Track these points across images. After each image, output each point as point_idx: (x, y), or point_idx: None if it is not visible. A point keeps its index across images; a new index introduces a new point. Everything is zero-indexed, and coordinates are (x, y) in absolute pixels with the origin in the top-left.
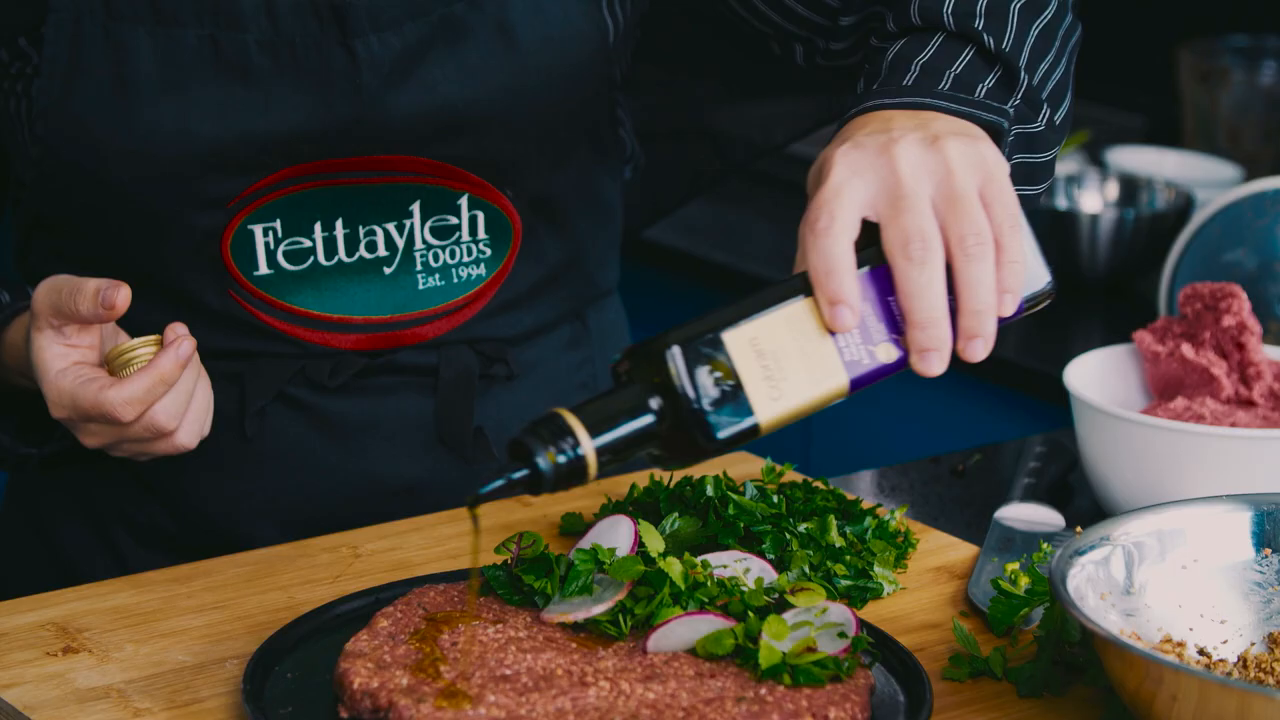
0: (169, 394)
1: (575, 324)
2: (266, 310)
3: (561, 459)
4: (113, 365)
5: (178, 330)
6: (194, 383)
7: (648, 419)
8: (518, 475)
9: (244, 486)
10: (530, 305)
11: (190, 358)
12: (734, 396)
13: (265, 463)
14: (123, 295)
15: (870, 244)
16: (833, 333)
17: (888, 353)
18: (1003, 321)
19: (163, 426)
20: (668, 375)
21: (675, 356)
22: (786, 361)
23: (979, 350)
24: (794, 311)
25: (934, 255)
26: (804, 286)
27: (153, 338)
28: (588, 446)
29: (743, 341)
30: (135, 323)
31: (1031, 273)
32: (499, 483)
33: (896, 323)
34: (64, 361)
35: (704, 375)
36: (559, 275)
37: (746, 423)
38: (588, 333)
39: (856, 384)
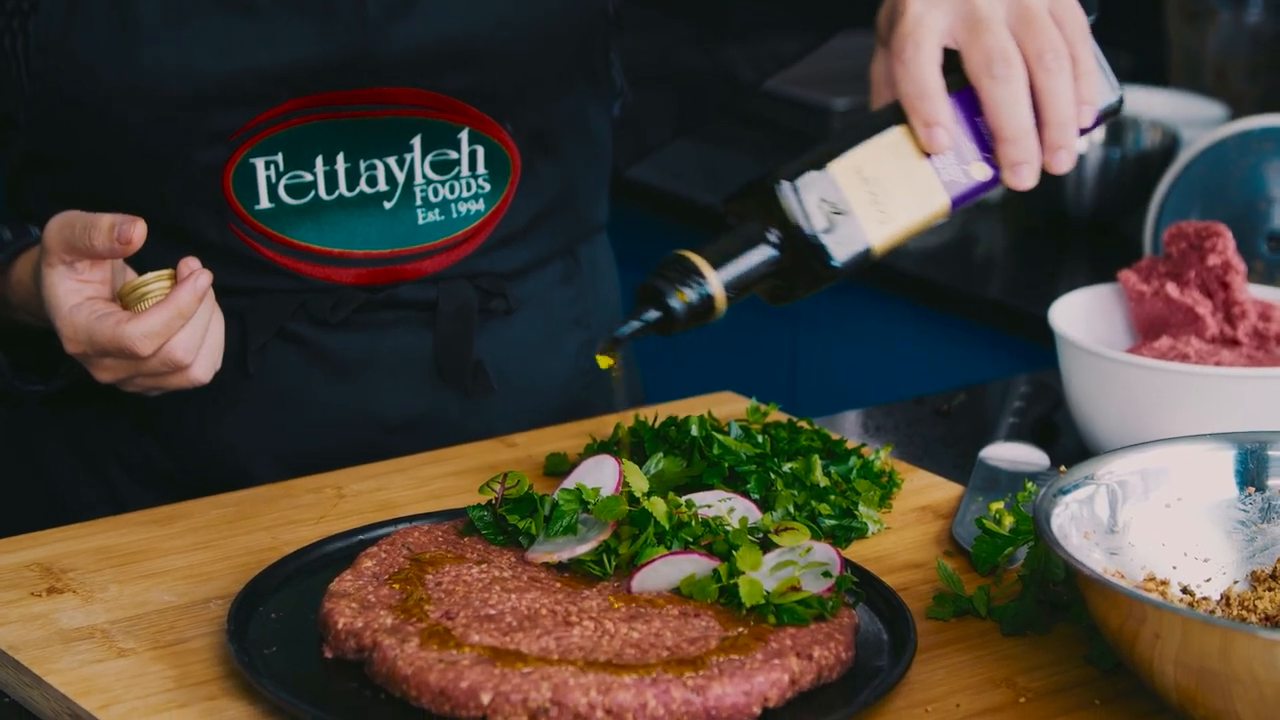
0: (186, 327)
1: (568, 260)
2: (267, 245)
3: (692, 296)
4: (127, 300)
5: (192, 264)
6: (209, 316)
7: (768, 252)
8: (651, 317)
9: (244, 423)
10: (526, 240)
11: (206, 291)
12: (846, 223)
13: (266, 399)
14: (139, 230)
15: (952, 70)
16: (929, 155)
17: (981, 171)
18: (1081, 134)
19: (179, 360)
20: (781, 209)
21: (787, 190)
22: (890, 186)
23: (1064, 161)
24: (892, 138)
25: (1017, 72)
26: (897, 115)
27: (166, 272)
28: (715, 283)
29: (848, 170)
30: (136, 259)
31: (1103, 85)
32: (634, 325)
33: (986, 142)
34: (77, 297)
35: (815, 205)
36: (554, 210)
37: (861, 246)
38: (580, 269)
39: (956, 202)
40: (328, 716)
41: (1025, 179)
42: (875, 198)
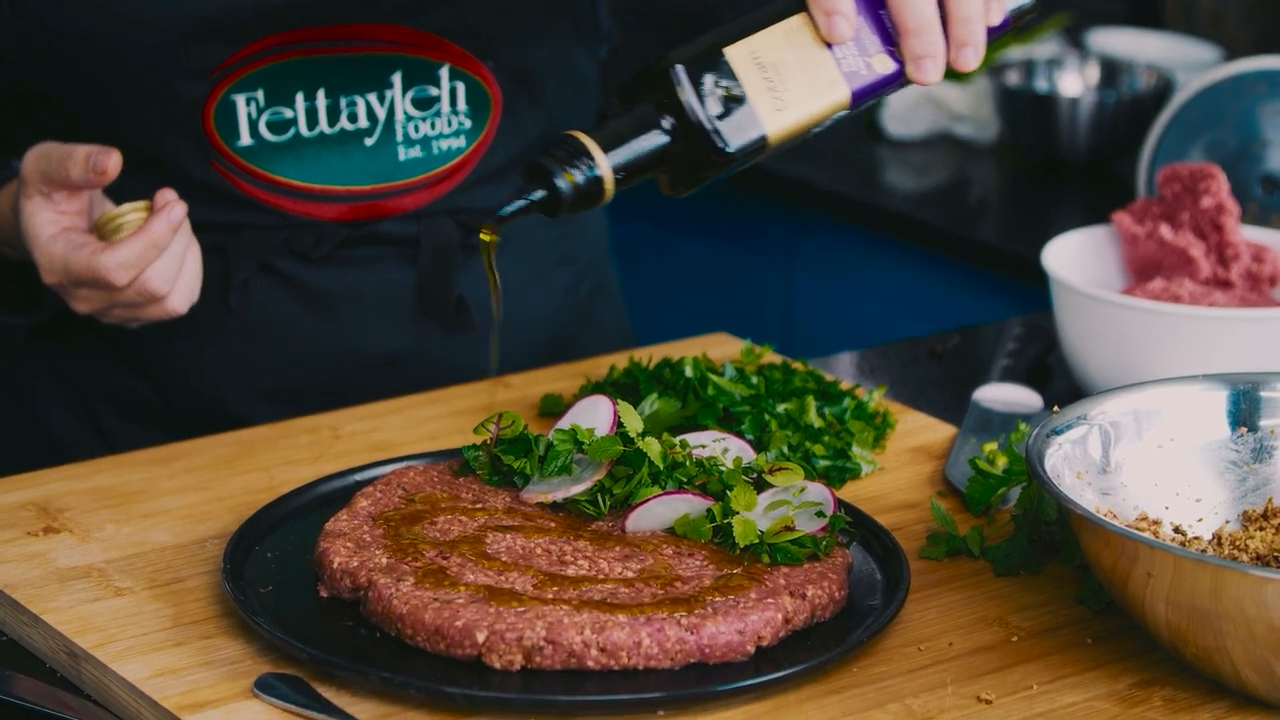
0: (161, 258)
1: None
2: (249, 181)
3: (579, 178)
4: (103, 231)
5: (168, 195)
6: (185, 248)
7: (660, 137)
8: (536, 196)
9: (227, 358)
10: (508, 177)
11: (182, 222)
12: (740, 109)
13: (248, 335)
14: (114, 160)
15: None
16: (830, 46)
17: (884, 63)
18: (992, 34)
19: (155, 291)
20: (675, 93)
21: (680, 74)
22: (788, 74)
23: (970, 58)
24: (791, 26)
25: None
26: (799, 3)
27: (142, 203)
28: (604, 166)
29: (744, 56)
30: (119, 196)
31: None
32: (519, 203)
33: (890, 35)
34: (54, 228)
35: (710, 90)
36: (536, 149)
37: (755, 133)
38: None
39: (858, 96)
40: (323, 655)
41: (929, 74)
42: (772, 85)
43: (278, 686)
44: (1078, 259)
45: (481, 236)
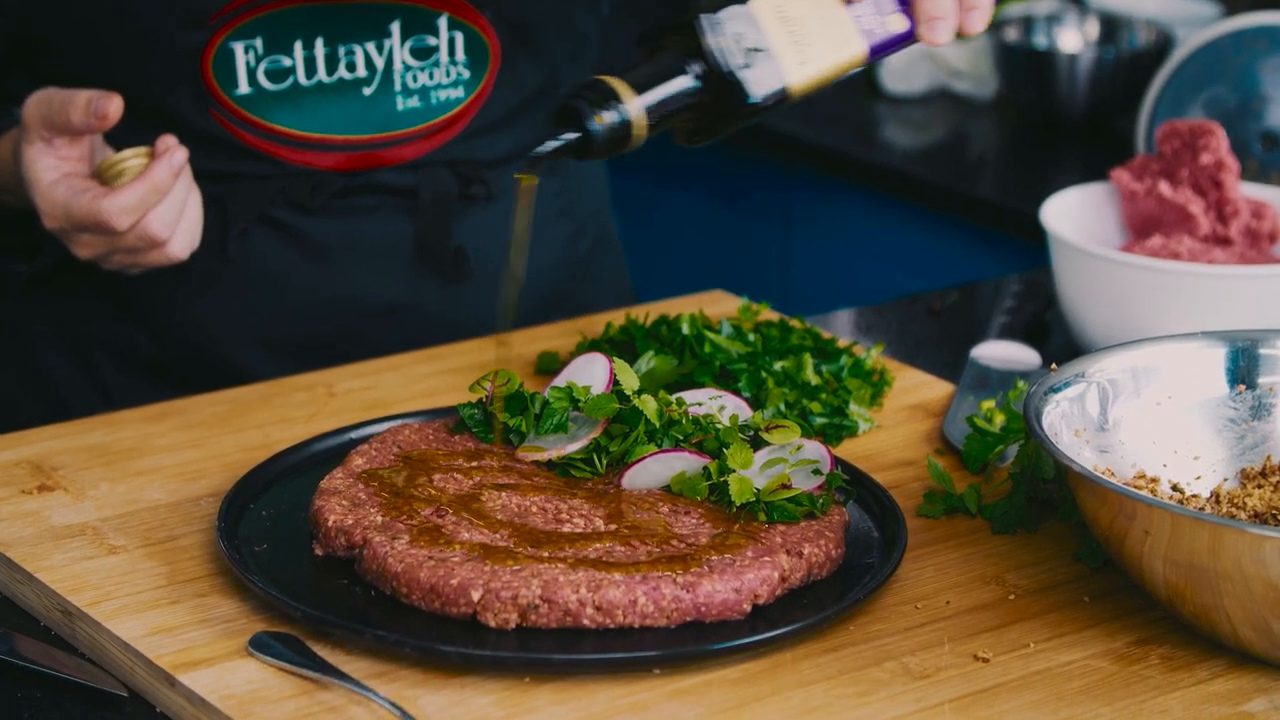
0: (162, 203)
1: None
2: (247, 130)
3: (611, 120)
4: (104, 176)
5: (168, 141)
6: (186, 193)
7: (690, 82)
8: (569, 138)
9: (226, 309)
10: (507, 129)
11: (183, 167)
12: (764, 61)
13: (246, 285)
14: (115, 105)
15: None
16: (849, 3)
17: (898, 23)
18: None
19: (156, 235)
20: (702, 42)
21: (708, 23)
22: (810, 29)
23: (978, 21)
24: None
25: None
26: None
27: (143, 149)
28: (635, 109)
29: (769, 9)
30: (118, 144)
31: None
32: (553, 144)
33: None
34: (55, 173)
35: (735, 41)
36: (535, 101)
37: (778, 84)
38: (564, 161)
39: (874, 51)
40: (318, 613)
41: (940, 35)
42: (795, 39)
43: (272, 645)
44: (1076, 216)
45: (519, 179)
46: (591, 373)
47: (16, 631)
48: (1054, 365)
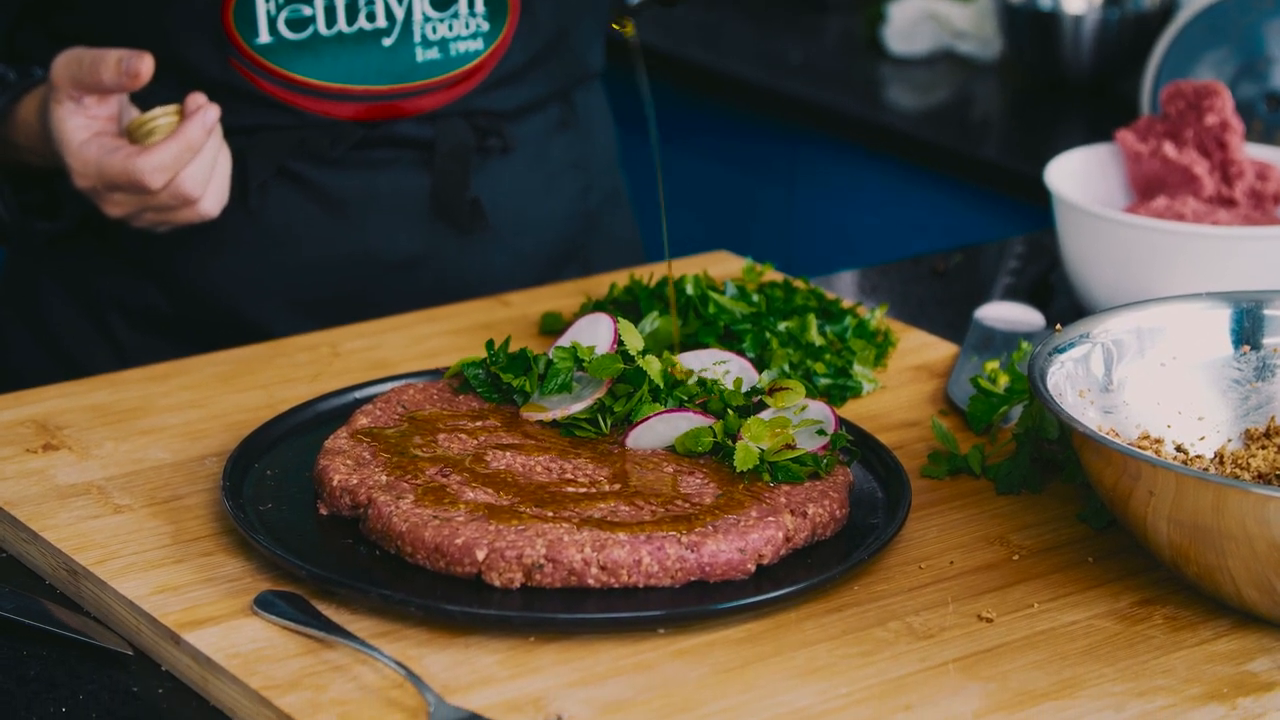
0: (195, 161)
1: (564, 105)
2: (267, 79)
3: None
4: (135, 135)
5: (199, 99)
6: (217, 151)
7: None
8: None
9: (244, 264)
10: (524, 80)
11: (215, 125)
12: None
13: (265, 239)
14: (146, 64)
15: None
16: None
17: None
18: None
19: (189, 193)
20: None
21: None
22: None
23: None
24: None
25: None
26: None
27: (173, 107)
28: None
29: None
30: (137, 97)
31: None
32: None
33: None
34: (86, 133)
35: None
36: (550, 52)
37: None
38: (576, 115)
39: None
40: (323, 573)
41: None
42: None
43: (277, 604)
44: (1081, 177)
45: (619, 29)
46: (596, 333)
47: (22, 590)
48: (1058, 326)
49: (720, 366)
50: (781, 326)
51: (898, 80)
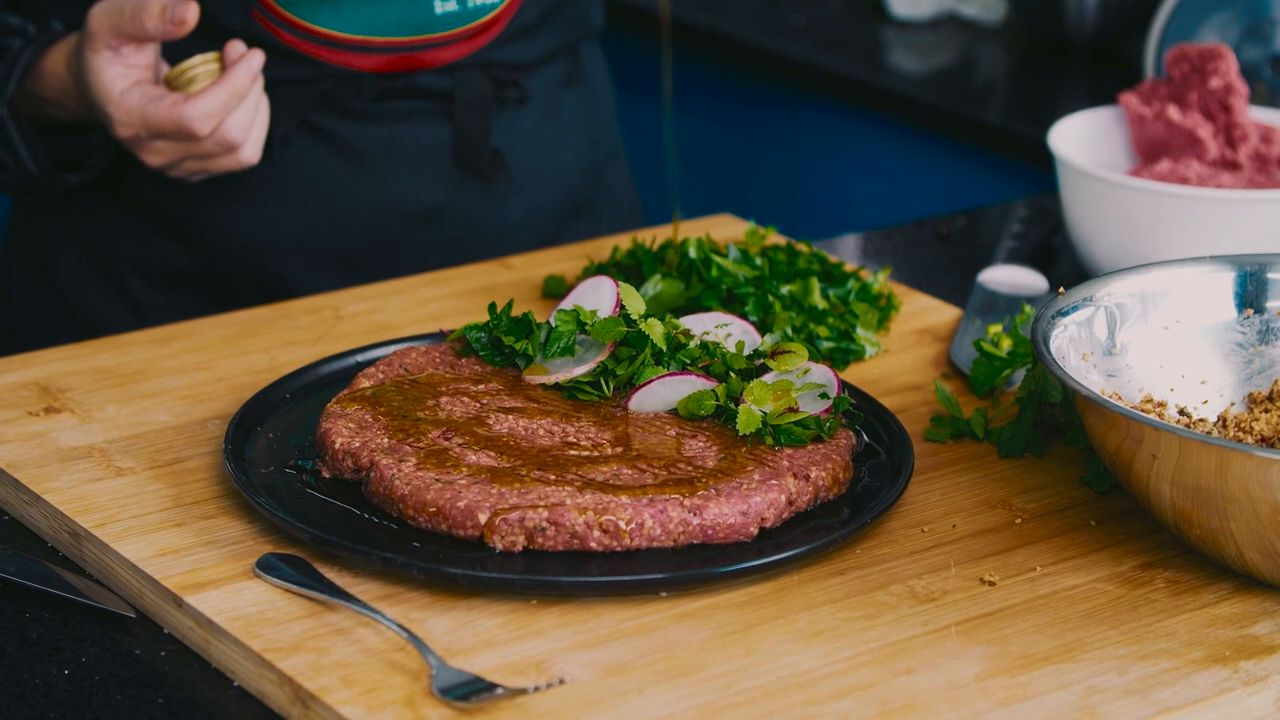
0: (240, 107)
1: (570, 60)
2: (288, 30)
3: None
4: (176, 83)
5: (239, 47)
6: (259, 97)
7: None
8: None
9: (266, 217)
10: (536, 33)
11: (259, 70)
12: None
13: (288, 191)
14: (192, 11)
15: None
16: None
17: None
18: None
19: (234, 139)
20: None
21: None
22: None
23: None
24: None
25: None
26: None
27: (213, 54)
28: None
29: None
30: (163, 49)
31: None
32: None
33: None
34: (126, 81)
35: None
36: (560, 5)
37: None
38: (581, 69)
39: None
40: (325, 535)
41: None
42: None
43: (279, 566)
44: (1084, 140)
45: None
46: (598, 296)
47: (25, 553)
48: (1061, 290)
49: (723, 330)
50: (784, 290)
51: (901, 44)
